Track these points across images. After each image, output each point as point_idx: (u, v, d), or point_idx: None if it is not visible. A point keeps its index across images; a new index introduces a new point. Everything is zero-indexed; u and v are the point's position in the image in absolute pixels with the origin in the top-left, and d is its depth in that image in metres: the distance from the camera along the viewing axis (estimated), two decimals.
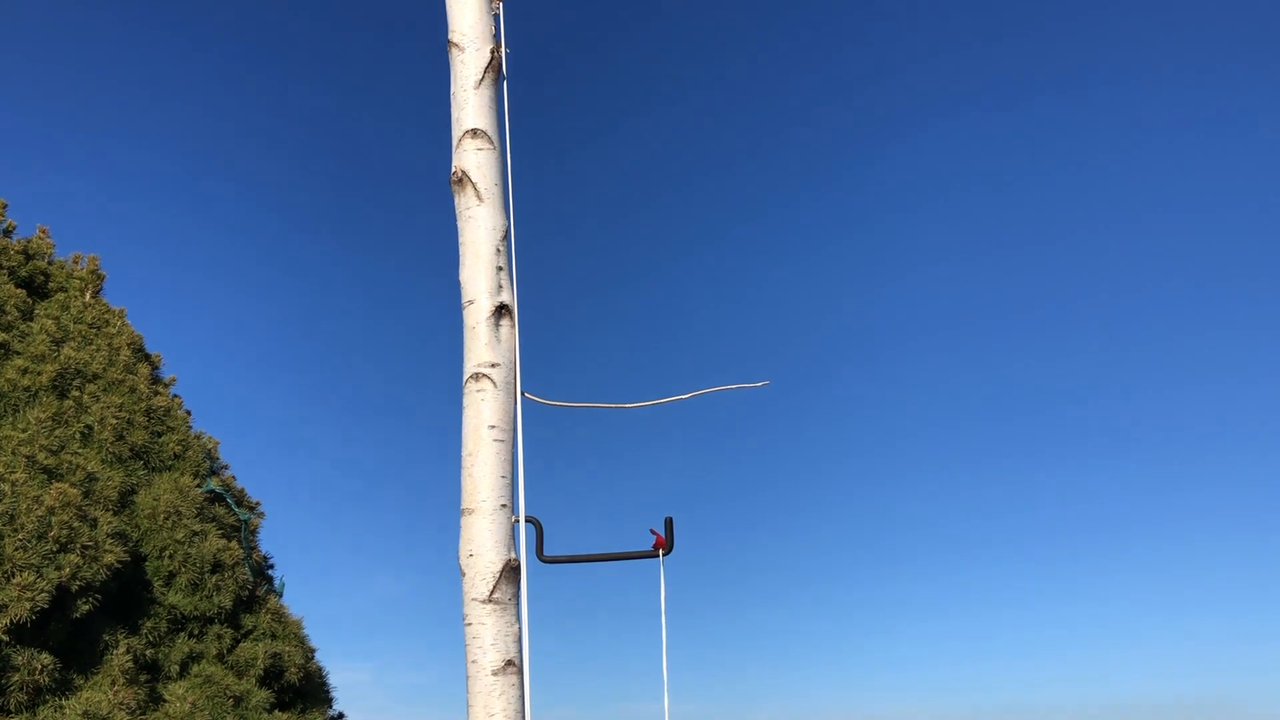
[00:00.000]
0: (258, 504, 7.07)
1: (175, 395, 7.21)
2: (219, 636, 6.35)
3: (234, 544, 6.53)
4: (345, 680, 7.32)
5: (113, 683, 5.49)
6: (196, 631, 6.29)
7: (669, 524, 4.17)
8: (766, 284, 25.54)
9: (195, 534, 6.32)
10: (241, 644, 6.47)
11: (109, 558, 5.57)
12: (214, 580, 6.35)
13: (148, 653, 5.96)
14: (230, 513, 6.74)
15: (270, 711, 6.28)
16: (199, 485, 6.56)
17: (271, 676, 6.45)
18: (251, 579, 6.58)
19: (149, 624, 6.05)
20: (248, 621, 6.61)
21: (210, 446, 7.00)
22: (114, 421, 6.41)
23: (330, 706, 7.19)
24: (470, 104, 4.58)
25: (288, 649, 6.52)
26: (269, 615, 6.67)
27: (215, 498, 6.72)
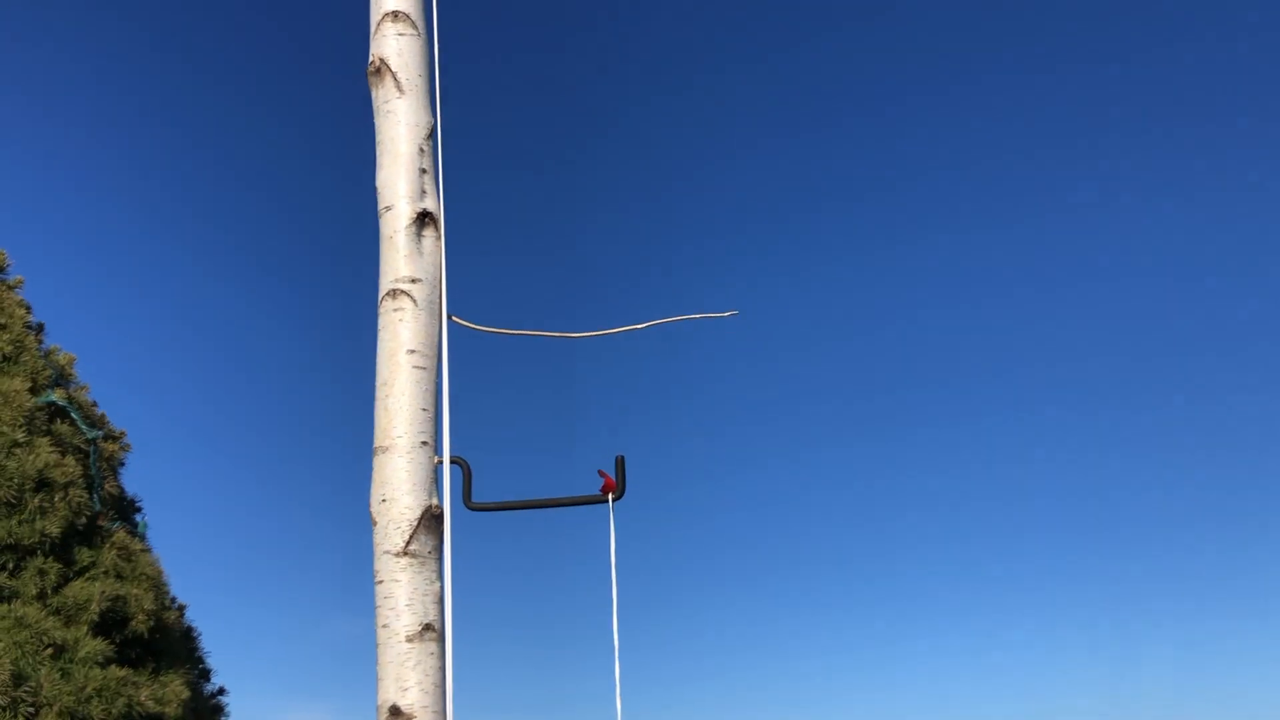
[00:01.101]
0: (122, 434, 6.20)
1: (23, 299, 6.17)
2: (41, 572, 5.39)
3: (70, 460, 5.63)
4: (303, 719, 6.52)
5: None
6: (11, 564, 5.40)
7: (620, 464, 3.71)
8: (740, 198, 23.63)
9: (17, 445, 5.39)
10: (72, 583, 5.60)
11: None
12: (38, 501, 5.38)
13: None
14: (77, 432, 5.85)
15: (105, 667, 5.47)
16: (35, 396, 5.65)
17: (111, 625, 5.66)
18: (97, 508, 5.74)
19: None
20: (84, 557, 5.66)
21: (63, 361, 6.08)
22: None
23: (208, 680, 6.41)
24: None
25: (135, 592, 5.71)
26: (114, 551, 5.76)
27: (58, 412, 5.83)
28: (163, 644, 5.81)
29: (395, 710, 3.39)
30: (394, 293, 3.73)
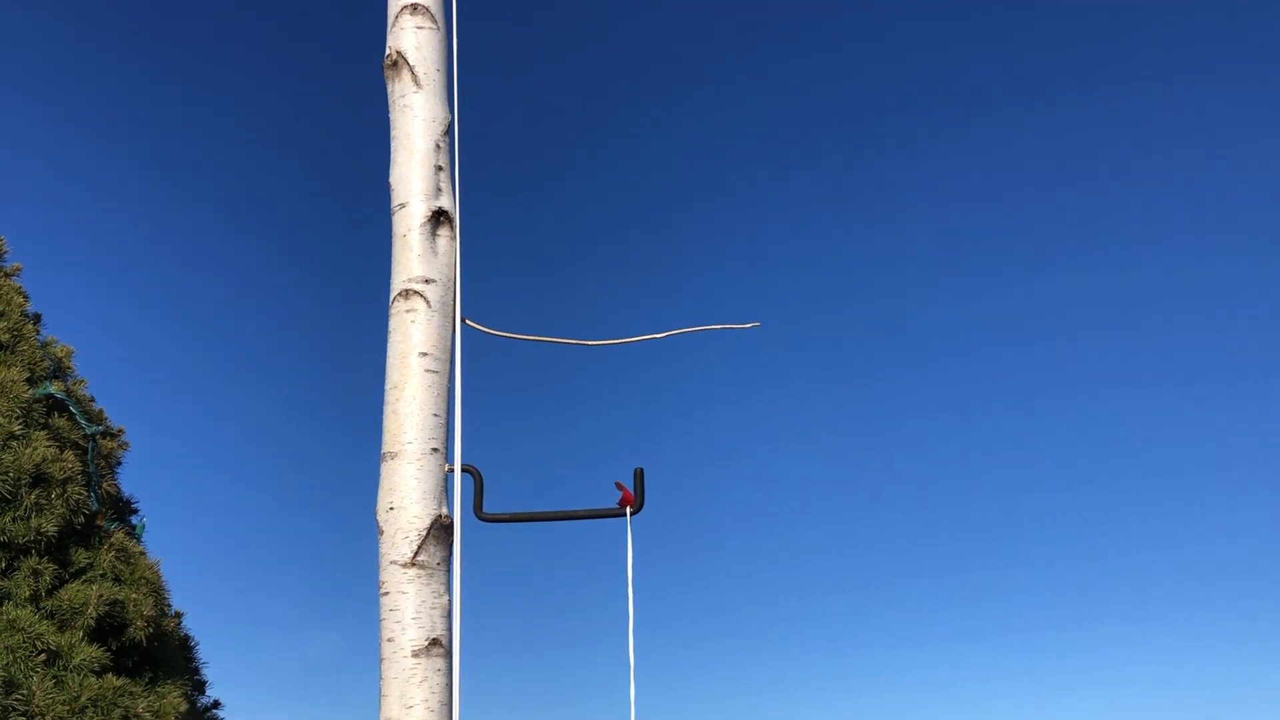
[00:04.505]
0: (120, 432, 6.04)
1: (20, 287, 5.98)
2: (35, 573, 5.14)
3: (69, 455, 5.44)
4: None
5: None
6: (3, 564, 5.17)
7: (639, 477, 3.58)
8: (765, 207, 23.08)
9: (14, 437, 5.17)
10: (68, 585, 5.40)
11: None
12: (34, 497, 5.17)
13: None
14: (75, 427, 5.69)
15: (100, 675, 5.26)
16: (32, 387, 5.47)
17: (108, 631, 5.47)
18: (95, 507, 5.57)
19: None
20: (80, 558, 5.43)
21: (60, 354, 5.93)
22: None
23: (203, 692, 6.21)
24: None
25: (134, 597, 5.52)
26: (113, 553, 5.55)
27: (55, 405, 5.67)
28: (161, 653, 5.63)
29: None
30: (406, 293, 3.61)
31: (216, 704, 6.21)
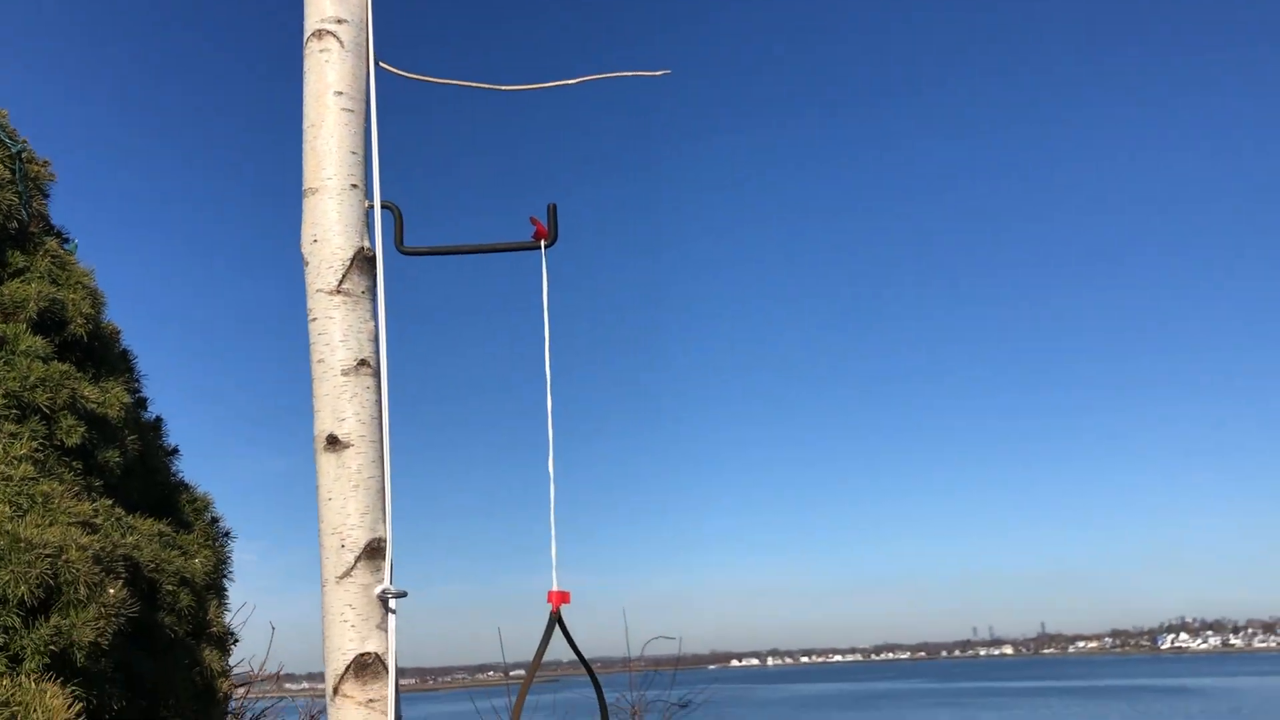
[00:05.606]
0: (47, 163, 6.09)
1: None
2: None
3: None
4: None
5: None
6: None
7: (552, 211, 3.76)
8: None
9: None
10: (7, 283, 5.62)
11: None
12: None
13: None
14: (1, 146, 5.76)
15: (47, 362, 5.55)
16: None
17: (50, 327, 5.72)
18: (25, 217, 5.73)
19: None
20: (17, 260, 5.66)
21: None
22: None
23: (145, 409, 6.49)
24: None
25: (72, 297, 5.76)
26: (48, 259, 5.80)
27: None
28: (102, 354, 5.92)
29: (332, 439, 3.54)
30: (319, 33, 3.68)
31: (160, 420, 6.55)
